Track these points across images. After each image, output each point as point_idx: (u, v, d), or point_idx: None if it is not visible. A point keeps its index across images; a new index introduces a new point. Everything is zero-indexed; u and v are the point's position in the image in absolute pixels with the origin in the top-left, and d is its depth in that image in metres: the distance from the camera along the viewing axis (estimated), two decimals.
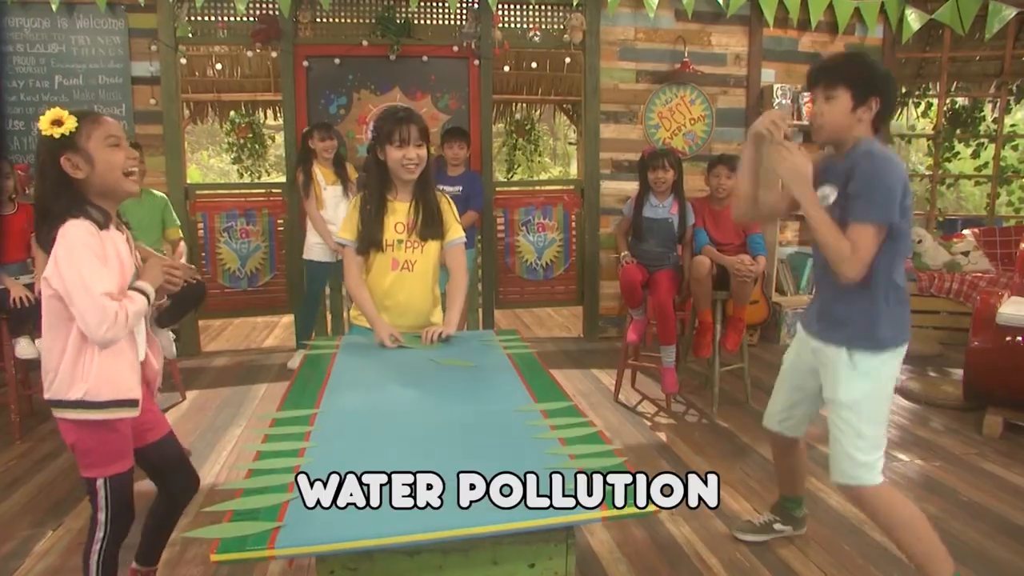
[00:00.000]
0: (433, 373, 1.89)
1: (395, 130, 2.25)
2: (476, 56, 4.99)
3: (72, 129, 1.62)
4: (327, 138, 4.35)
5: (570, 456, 1.29)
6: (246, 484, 1.21)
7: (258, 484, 1.22)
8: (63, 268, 1.57)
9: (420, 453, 1.35)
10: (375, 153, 2.33)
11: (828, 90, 1.90)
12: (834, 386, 1.98)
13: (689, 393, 4.12)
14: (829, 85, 1.90)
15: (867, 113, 1.89)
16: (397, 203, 2.36)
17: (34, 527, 2.56)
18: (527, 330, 5.92)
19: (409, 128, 2.25)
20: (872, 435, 1.94)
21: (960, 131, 6.39)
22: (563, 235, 5.37)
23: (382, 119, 2.30)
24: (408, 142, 2.26)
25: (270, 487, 1.20)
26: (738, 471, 3.05)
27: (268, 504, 1.14)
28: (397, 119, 2.26)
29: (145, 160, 3.87)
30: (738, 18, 5.32)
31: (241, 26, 4.77)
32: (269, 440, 1.41)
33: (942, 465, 3.10)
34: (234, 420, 3.69)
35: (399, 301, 2.37)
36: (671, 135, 5.37)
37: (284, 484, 1.21)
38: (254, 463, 1.30)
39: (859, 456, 1.93)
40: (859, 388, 1.94)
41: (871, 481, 1.93)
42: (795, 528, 2.47)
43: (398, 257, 2.34)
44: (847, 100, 1.88)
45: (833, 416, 2.00)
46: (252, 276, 5.01)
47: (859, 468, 1.94)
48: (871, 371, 1.93)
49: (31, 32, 4.53)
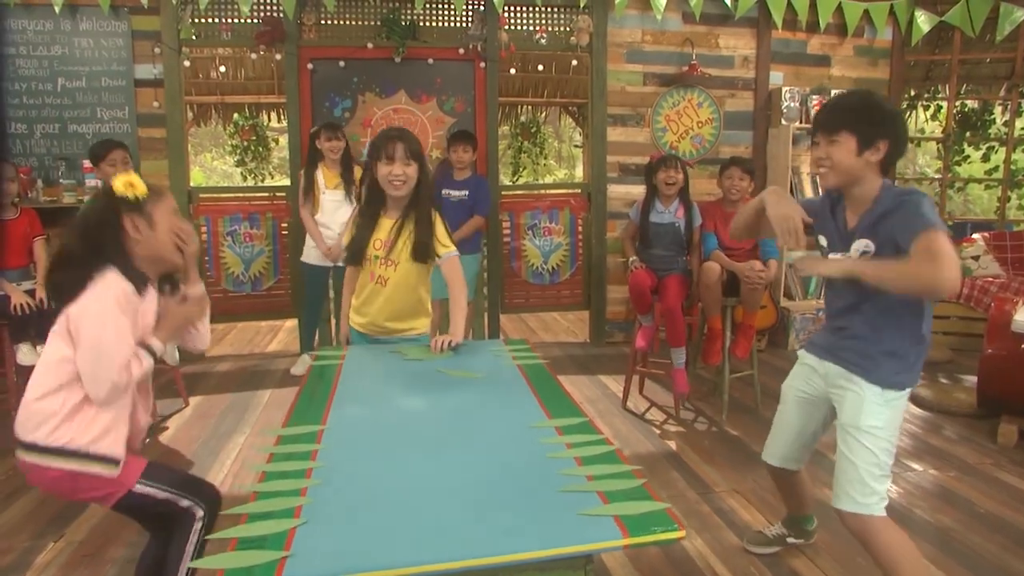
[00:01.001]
0: (442, 386, 1.85)
1: (383, 146, 2.32)
2: (482, 58, 4.94)
3: (143, 195, 1.69)
4: (334, 138, 4.29)
5: (587, 477, 1.24)
6: (251, 509, 1.16)
7: (264, 508, 1.17)
8: (91, 317, 1.57)
9: (431, 475, 1.30)
10: (372, 170, 2.40)
11: (832, 135, 1.83)
12: (856, 413, 1.91)
13: (698, 400, 4.07)
14: (833, 130, 1.83)
15: (875, 155, 1.81)
16: (385, 219, 2.44)
17: (34, 538, 2.51)
18: (533, 335, 5.87)
19: (396, 145, 2.31)
20: (887, 464, 1.89)
21: (970, 134, 6.33)
22: (569, 239, 5.32)
23: (376, 137, 2.40)
24: (394, 159, 2.31)
25: (276, 512, 1.16)
26: (749, 481, 2.99)
27: (275, 531, 1.09)
28: (387, 136, 2.34)
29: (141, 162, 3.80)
30: (746, 20, 5.27)
31: (245, 28, 4.73)
32: (275, 459, 1.36)
33: (957, 475, 3.05)
34: (238, 427, 3.64)
35: (372, 311, 2.48)
36: (678, 138, 5.32)
37: (290, 509, 1.16)
38: (259, 485, 1.25)
39: (873, 484, 1.87)
40: (883, 415, 1.88)
41: (879, 511, 1.87)
42: (806, 539, 2.45)
43: (375, 271, 2.45)
44: (852, 144, 1.81)
45: (850, 441, 1.92)
46: (256, 280, 4.97)
47: (871, 496, 1.87)
48: (895, 400, 1.89)
49: (34, 34, 4.49)
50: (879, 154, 1.81)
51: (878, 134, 1.79)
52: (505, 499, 1.18)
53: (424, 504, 1.18)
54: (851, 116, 1.82)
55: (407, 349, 2.28)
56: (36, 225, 3.68)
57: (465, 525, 1.11)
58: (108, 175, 3.64)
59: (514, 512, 1.14)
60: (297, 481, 1.26)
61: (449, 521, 1.12)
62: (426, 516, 1.15)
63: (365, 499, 1.21)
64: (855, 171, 1.83)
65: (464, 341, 2.32)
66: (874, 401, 1.88)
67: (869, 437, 1.88)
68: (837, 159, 1.83)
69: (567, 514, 1.13)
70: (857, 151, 1.80)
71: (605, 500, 1.16)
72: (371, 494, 1.22)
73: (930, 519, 2.65)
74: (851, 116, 1.82)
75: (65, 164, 4.53)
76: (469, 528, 1.10)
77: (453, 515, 1.13)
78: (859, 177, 1.84)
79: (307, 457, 1.37)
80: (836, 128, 1.82)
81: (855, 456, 1.89)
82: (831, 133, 1.83)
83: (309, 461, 1.35)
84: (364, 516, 1.14)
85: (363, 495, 1.23)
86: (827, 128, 1.85)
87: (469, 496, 1.19)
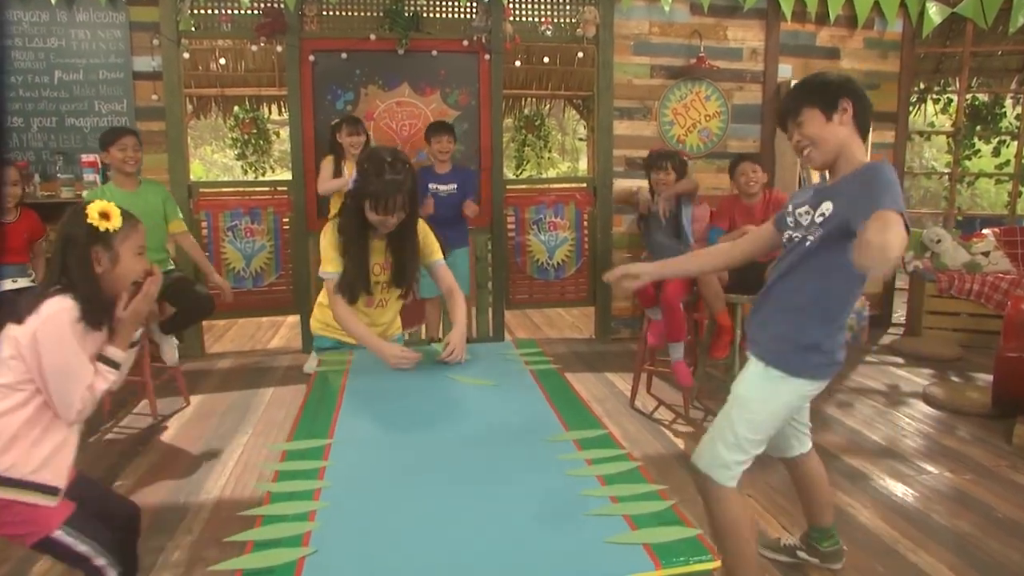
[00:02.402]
0: (454, 396, 1.78)
1: (379, 197, 2.12)
2: (487, 50, 4.86)
3: (115, 229, 1.65)
4: (354, 133, 4.21)
5: (612, 499, 1.17)
6: (257, 536, 1.10)
7: (271, 535, 1.10)
8: (51, 342, 1.52)
9: (446, 496, 1.23)
10: (356, 200, 2.21)
11: (796, 117, 1.83)
12: (738, 380, 1.97)
13: (706, 399, 4.01)
14: (795, 112, 1.84)
15: (845, 115, 1.79)
16: (375, 242, 2.32)
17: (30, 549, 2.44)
18: (537, 331, 5.81)
19: (394, 199, 2.13)
20: (745, 438, 1.89)
21: (980, 128, 6.26)
22: (575, 234, 5.25)
23: (369, 173, 2.15)
24: (391, 212, 2.16)
25: (283, 539, 1.09)
26: (762, 484, 2.93)
27: (283, 561, 1.02)
28: (384, 183, 2.11)
29: (143, 153, 3.73)
30: (755, 12, 5.18)
31: (245, 19, 4.65)
32: (281, 478, 1.29)
33: (973, 478, 2.99)
34: (240, 427, 3.58)
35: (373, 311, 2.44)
36: (686, 132, 5.24)
37: (299, 535, 1.09)
38: (265, 508, 1.18)
39: (723, 452, 1.90)
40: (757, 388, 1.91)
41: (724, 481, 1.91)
42: (821, 561, 2.33)
43: (375, 295, 2.37)
44: (817, 115, 1.80)
45: (725, 405, 1.97)
46: (257, 276, 4.91)
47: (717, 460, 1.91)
48: (777, 378, 1.88)
49: (30, 26, 4.40)
50: (848, 113, 1.79)
51: (836, 95, 1.78)
52: (527, 526, 1.11)
53: (440, 530, 1.12)
54: (804, 93, 1.84)
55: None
56: (37, 226, 3.60)
57: (486, 556, 1.04)
58: (116, 160, 3.55)
59: (537, 539, 1.07)
60: (305, 503, 1.20)
61: (468, 551, 1.05)
62: (443, 544, 1.08)
63: (377, 525, 1.14)
64: (835, 139, 1.80)
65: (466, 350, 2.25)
66: (755, 372, 1.91)
67: (737, 404, 1.91)
68: (811, 133, 1.81)
69: (594, 542, 1.06)
70: (825, 118, 1.79)
71: (633, 526, 1.10)
72: (383, 521, 1.15)
73: (947, 524, 2.59)
74: (804, 93, 1.84)
75: (63, 158, 4.45)
76: (491, 560, 1.04)
77: (472, 544, 1.06)
78: (841, 143, 1.80)
79: (314, 475, 1.30)
80: (797, 109, 1.83)
81: (719, 418, 1.95)
82: (795, 116, 1.84)
83: (317, 480, 1.28)
84: (377, 544, 1.07)
85: (375, 521, 1.16)
86: (790, 114, 1.85)
87: (488, 523, 1.12)
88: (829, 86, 1.81)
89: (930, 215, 7.98)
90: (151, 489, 2.89)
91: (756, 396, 1.90)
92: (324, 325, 2.51)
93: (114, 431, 3.58)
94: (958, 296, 5.16)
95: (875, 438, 3.43)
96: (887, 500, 2.78)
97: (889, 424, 3.62)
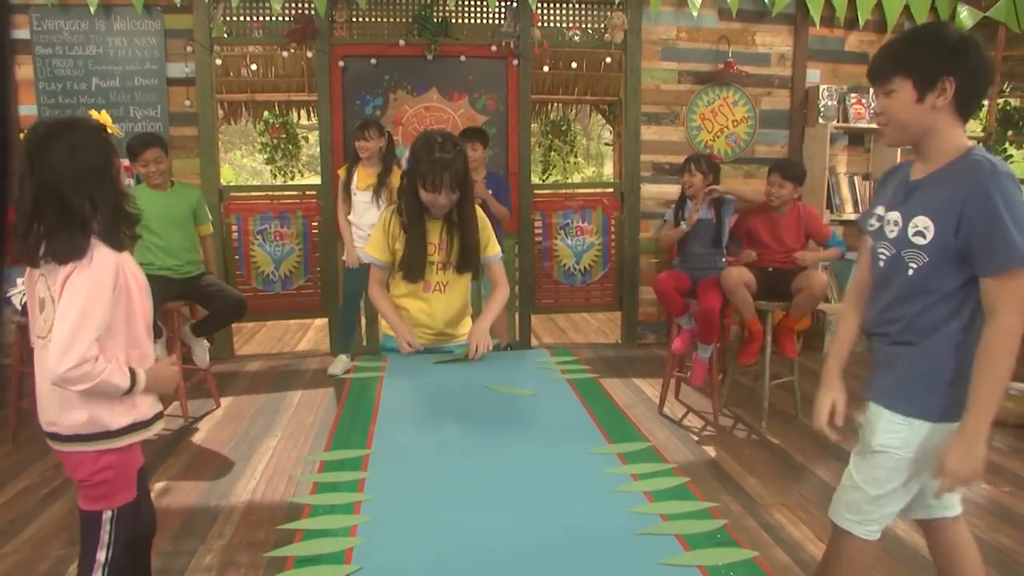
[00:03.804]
0: (492, 406, 1.77)
1: (428, 175, 2.15)
2: (515, 56, 4.87)
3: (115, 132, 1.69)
4: (361, 138, 4.19)
5: (662, 516, 1.17)
6: (298, 551, 1.10)
7: (312, 551, 1.10)
8: (79, 286, 1.50)
9: (490, 511, 1.22)
10: (411, 182, 2.24)
11: (885, 84, 1.53)
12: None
13: (735, 406, 3.99)
14: (885, 78, 1.52)
15: (942, 98, 1.47)
16: (429, 224, 2.30)
17: (69, 546, 2.47)
18: (563, 335, 5.81)
19: (442, 177, 2.15)
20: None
21: (1012, 133, 6.16)
22: (602, 239, 5.24)
23: (420, 152, 2.18)
24: (439, 190, 2.17)
25: (325, 555, 1.09)
26: (795, 494, 2.91)
27: None
28: (432, 162, 2.14)
29: (170, 159, 3.80)
30: (783, 17, 5.14)
31: (276, 26, 4.70)
32: (319, 490, 1.30)
33: (1012, 491, 2.94)
34: (269, 430, 3.62)
35: (430, 320, 2.37)
36: (713, 137, 5.22)
37: (341, 551, 1.09)
38: (305, 522, 1.18)
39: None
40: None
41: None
42: None
43: (431, 279, 2.33)
44: (909, 90, 1.49)
45: None
46: (286, 279, 4.95)
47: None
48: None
49: (70, 35, 4.48)
50: (947, 95, 1.46)
51: (940, 70, 1.45)
52: (576, 545, 1.10)
53: (487, 549, 1.10)
54: (904, 56, 1.51)
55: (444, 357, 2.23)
56: None
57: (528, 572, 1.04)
58: (142, 175, 3.63)
59: (587, 560, 1.06)
60: (346, 517, 1.20)
61: (518, 571, 1.04)
62: (490, 564, 1.07)
63: (420, 542, 1.13)
64: (920, 122, 1.51)
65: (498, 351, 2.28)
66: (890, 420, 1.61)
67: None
68: (893, 112, 1.53)
69: (646, 564, 1.05)
70: (917, 98, 1.48)
71: (686, 546, 1.09)
72: (426, 537, 1.14)
73: (987, 538, 2.55)
74: (904, 56, 1.51)
75: None
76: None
77: (521, 562, 1.05)
78: (928, 128, 1.51)
79: (354, 488, 1.30)
80: (888, 75, 1.52)
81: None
82: (884, 82, 1.53)
83: (356, 493, 1.28)
84: (420, 563, 1.07)
85: (417, 538, 1.15)
86: (878, 77, 1.55)
87: (535, 540, 1.10)
88: (933, 55, 1.48)
89: None
90: (183, 491, 2.93)
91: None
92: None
93: None
94: None
95: None
96: None
97: None
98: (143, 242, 3.63)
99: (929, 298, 1.52)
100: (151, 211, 3.62)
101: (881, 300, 1.62)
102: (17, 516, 2.72)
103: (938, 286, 1.51)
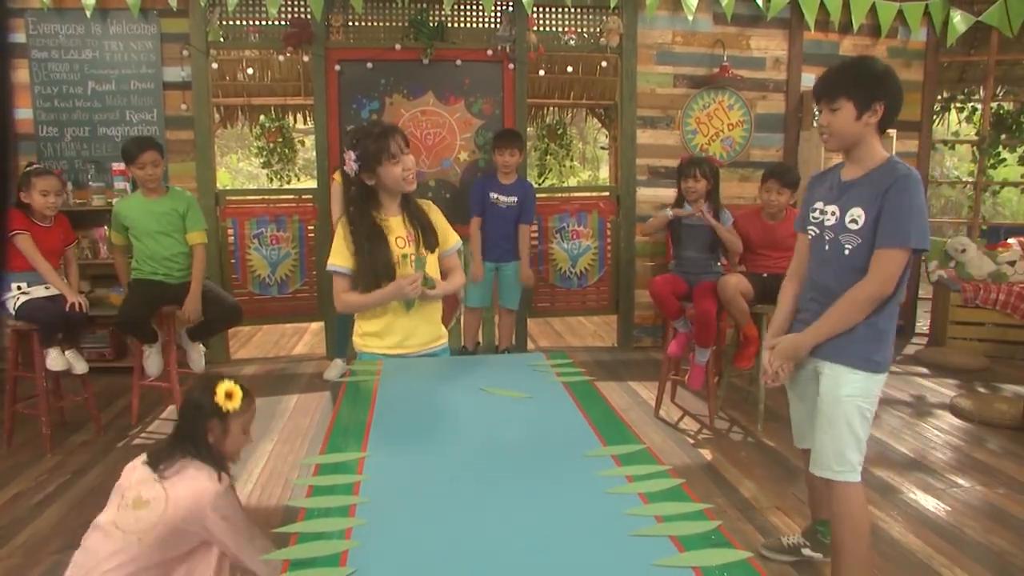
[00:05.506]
0: (487, 408, 1.77)
1: (384, 146, 2.17)
2: (511, 60, 4.88)
3: (234, 409, 1.82)
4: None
5: (656, 518, 1.17)
6: (293, 554, 1.10)
7: (307, 554, 1.10)
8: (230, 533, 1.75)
9: (485, 514, 1.23)
10: (360, 180, 2.23)
11: (832, 103, 1.93)
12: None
13: (731, 408, 3.99)
14: (831, 98, 1.93)
15: (873, 117, 1.91)
16: (389, 220, 2.30)
17: (64, 549, 2.45)
18: (559, 339, 5.82)
19: (397, 139, 2.19)
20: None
21: (1005, 136, 6.20)
22: (598, 243, 5.25)
23: (362, 141, 2.19)
24: (401, 152, 2.20)
25: (319, 558, 1.09)
26: (790, 496, 2.92)
27: None
28: (380, 134, 2.18)
29: (168, 164, 3.79)
30: (778, 21, 5.17)
31: (273, 30, 4.71)
32: (315, 493, 1.30)
33: (1007, 492, 2.95)
34: (265, 434, 3.61)
35: (407, 324, 2.32)
36: (709, 141, 5.24)
37: (336, 554, 1.09)
38: (301, 525, 1.18)
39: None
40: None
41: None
42: (825, 555, 2.36)
43: (407, 272, 2.25)
44: (851, 109, 1.91)
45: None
46: (282, 283, 4.95)
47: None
48: None
49: (66, 38, 4.48)
50: (877, 115, 1.91)
51: (874, 96, 1.90)
52: (570, 547, 1.10)
53: (482, 551, 1.11)
54: (848, 81, 1.93)
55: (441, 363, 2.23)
56: (69, 232, 3.67)
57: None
58: (138, 177, 3.61)
59: (581, 561, 1.07)
60: (341, 520, 1.20)
61: (512, 573, 1.04)
62: (484, 566, 1.07)
63: (415, 544, 1.14)
64: (855, 135, 1.94)
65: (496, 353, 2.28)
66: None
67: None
68: (837, 126, 1.94)
69: (641, 565, 1.05)
70: (856, 115, 1.91)
71: (680, 547, 1.09)
72: (421, 540, 1.15)
73: (983, 540, 2.56)
74: (848, 81, 1.93)
75: (95, 167, 4.53)
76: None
77: (515, 564, 1.05)
78: (860, 139, 1.95)
79: (349, 491, 1.30)
80: (835, 96, 1.93)
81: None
82: (830, 101, 1.94)
83: (352, 496, 1.29)
84: (415, 565, 1.07)
85: (412, 540, 1.15)
86: (826, 96, 1.95)
87: (530, 542, 1.11)
88: (872, 83, 1.91)
89: (951, 224, 7.89)
90: None
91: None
92: (360, 336, 2.41)
93: (142, 436, 3.62)
94: (983, 306, 5.11)
95: (903, 450, 3.40)
96: (918, 515, 2.75)
97: (917, 436, 3.59)
98: (138, 248, 3.63)
99: (860, 274, 1.92)
100: (146, 217, 3.63)
101: (823, 277, 2.03)
102: (11, 521, 2.71)
103: (867, 263, 1.91)
